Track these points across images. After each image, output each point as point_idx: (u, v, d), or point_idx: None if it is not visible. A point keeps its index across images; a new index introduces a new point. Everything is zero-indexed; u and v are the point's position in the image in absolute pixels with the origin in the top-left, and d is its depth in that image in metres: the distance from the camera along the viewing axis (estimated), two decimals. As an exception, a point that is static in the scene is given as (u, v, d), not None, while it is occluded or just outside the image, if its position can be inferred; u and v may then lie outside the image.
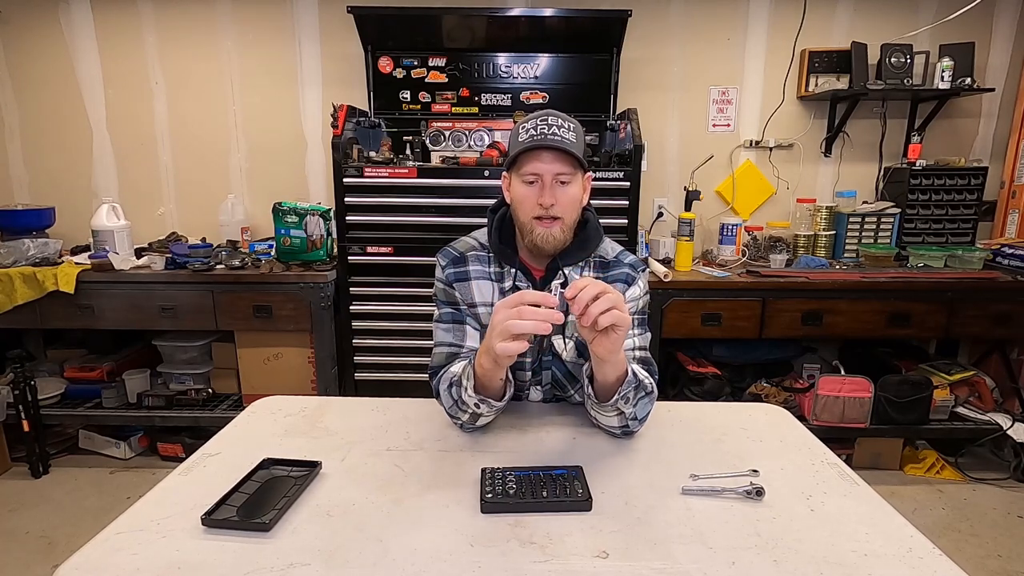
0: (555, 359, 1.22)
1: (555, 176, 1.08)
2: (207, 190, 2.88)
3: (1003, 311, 2.38)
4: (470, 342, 1.18)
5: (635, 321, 1.20)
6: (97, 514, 2.25)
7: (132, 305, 2.40)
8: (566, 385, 1.25)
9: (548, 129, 1.07)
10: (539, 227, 1.11)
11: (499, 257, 1.19)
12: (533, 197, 1.09)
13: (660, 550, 0.79)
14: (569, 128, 1.09)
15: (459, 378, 1.07)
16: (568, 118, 1.11)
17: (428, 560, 0.77)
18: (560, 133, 1.07)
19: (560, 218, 1.10)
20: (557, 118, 1.09)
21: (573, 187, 1.10)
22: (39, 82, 2.80)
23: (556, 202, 1.09)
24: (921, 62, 2.70)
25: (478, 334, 1.19)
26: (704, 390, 2.48)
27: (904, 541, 0.82)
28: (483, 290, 1.20)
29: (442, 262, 1.22)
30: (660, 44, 2.78)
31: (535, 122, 1.09)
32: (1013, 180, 2.80)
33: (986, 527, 2.20)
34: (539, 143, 1.06)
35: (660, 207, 2.88)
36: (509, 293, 1.18)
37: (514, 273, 1.18)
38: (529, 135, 1.08)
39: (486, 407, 1.05)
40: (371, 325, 2.45)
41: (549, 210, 1.09)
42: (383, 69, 2.69)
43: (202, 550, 0.79)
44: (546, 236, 1.11)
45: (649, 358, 1.18)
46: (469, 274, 1.20)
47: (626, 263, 1.21)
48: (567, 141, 1.07)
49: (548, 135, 1.07)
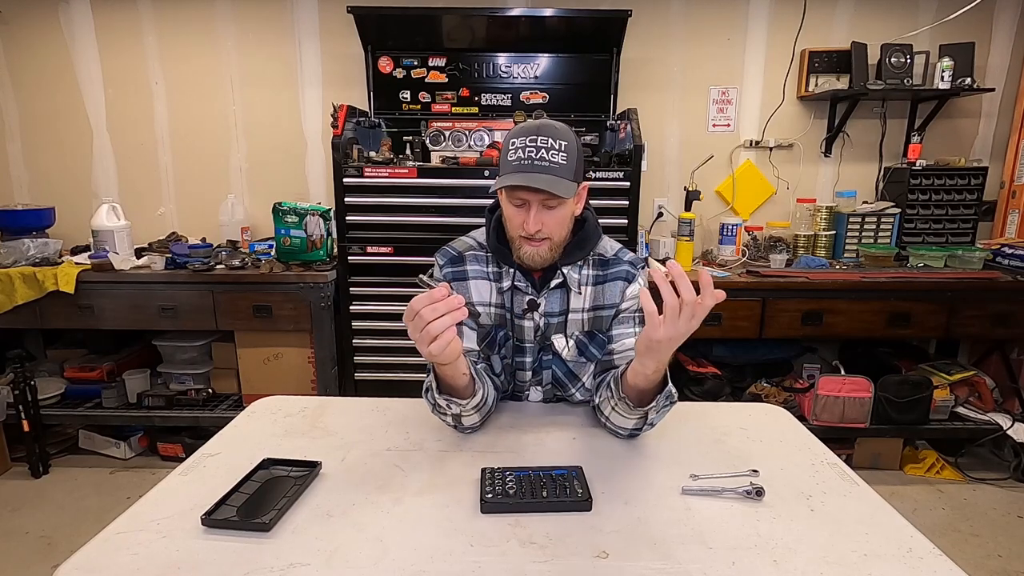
0: (555, 358, 1.22)
1: (542, 202, 1.06)
2: (207, 190, 2.88)
3: (1003, 311, 2.38)
4: (466, 343, 1.17)
5: (635, 318, 1.20)
6: (97, 514, 2.25)
7: (132, 305, 2.40)
8: (567, 384, 1.25)
9: (536, 154, 1.03)
10: (527, 246, 1.11)
11: (497, 257, 1.19)
12: (520, 220, 1.08)
13: (660, 550, 0.79)
14: (560, 148, 1.04)
15: (429, 382, 1.06)
16: (561, 133, 1.06)
17: (428, 560, 0.77)
18: (549, 157, 1.03)
19: (548, 238, 1.10)
20: (547, 138, 1.04)
21: (562, 209, 1.08)
22: (39, 82, 2.80)
23: (543, 227, 1.08)
24: (921, 62, 2.70)
25: (475, 334, 1.19)
26: (704, 390, 2.48)
27: (904, 541, 0.82)
28: (481, 290, 1.20)
29: (440, 261, 1.22)
30: (660, 44, 2.78)
31: (525, 141, 1.04)
32: (1013, 180, 2.80)
33: (986, 527, 2.20)
34: (526, 169, 1.03)
35: (660, 207, 2.88)
36: (508, 293, 1.18)
37: (512, 273, 1.17)
38: (518, 157, 1.04)
39: (456, 407, 1.04)
40: (371, 325, 2.45)
41: (535, 235, 1.08)
42: (383, 69, 2.69)
43: (202, 550, 0.79)
44: (533, 255, 1.11)
45: None
46: (467, 274, 1.20)
47: (626, 260, 1.21)
48: (555, 166, 1.03)
49: (536, 160, 1.03)
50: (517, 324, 1.19)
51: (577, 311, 1.19)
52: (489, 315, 1.20)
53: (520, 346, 1.20)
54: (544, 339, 1.20)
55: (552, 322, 1.19)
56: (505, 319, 1.20)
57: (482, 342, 1.20)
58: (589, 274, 1.20)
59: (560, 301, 1.19)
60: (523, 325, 1.19)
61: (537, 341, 1.20)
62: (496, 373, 1.23)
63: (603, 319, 1.19)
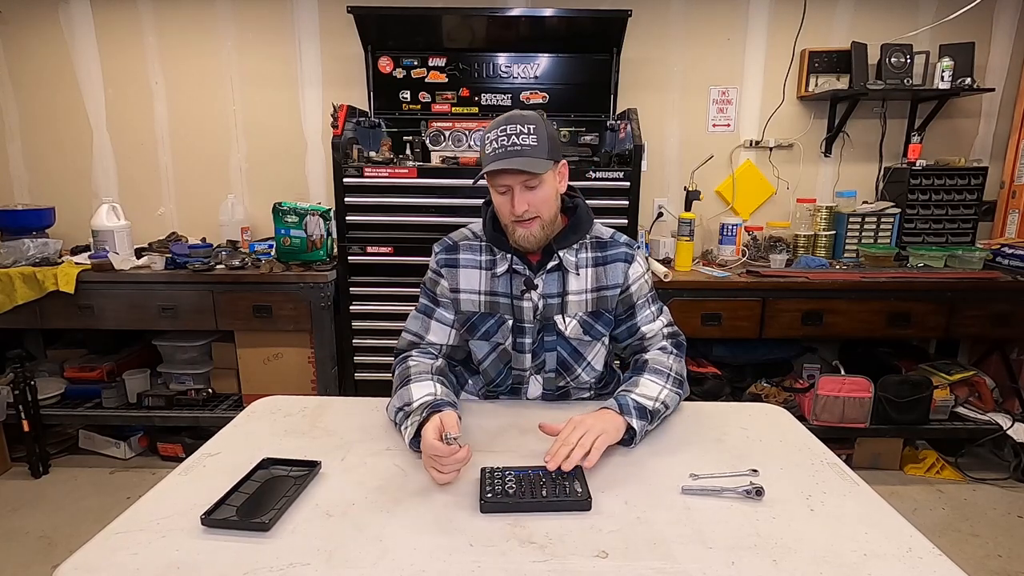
0: (559, 338, 1.26)
1: (523, 183, 1.12)
2: (207, 190, 2.88)
3: (1003, 311, 2.38)
4: (431, 336, 1.28)
5: (649, 299, 1.28)
6: (97, 514, 2.25)
7: (132, 305, 2.39)
8: (572, 365, 1.28)
9: (508, 140, 1.10)
10: (519, 228, 1.17)
11: (494, 245, 1.24)
12: (507, 205, 1.15)
13: (660, 550, 0.79)
14: (529, 131, 1.10)
15: (406, 410, 1.11)
16: (528, 119, 1.12)
17: (428, 560, 0.77)
18: (520, 141, 1.10)
19: (537, 217, 1.15)
20: (516, 124, 1.11)
21: (544, 187, 1.14)
22: (39, 82, 2.80)
23: (528, 206, 1.13)
24: (921, 62, 2.70)
25: (446, 330, 1.29)
26: (704, 390, 2.48)
27: (904, 541, 0.82)
28: (470, 278, 1.26)
29: (437, 249, 1.30)
30: (660, 44, 2.78)
31: (496, 133, 1.11)
32: (1013, 180, 2.80)
33: (986, 527, 2.20)
34: (501, 156, 1.10)
35: (660, 207, 2.88)
36: (504, 277, 1.23)
37: (510, 258, 1.22)
38: (493, 148, 1.11)
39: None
40: (371, 325, 2.45)
41: (523, 215, 1.14)
42: (383, 69, 2.69)
43: (202, 550, 0.79)
44: (526, 236, 1.17)
45: (676, 331, 1.28)
46: (459, 261, 1.26)
47: (622, 243, 1.27)
48: (527, 148, 1.10)
49: (509, 147, 1.10)
50: (516, 305, 1.23)
51: (579, 292, 1.24)
52: (476, 302, 1.25)
53: (520, 327, 1.24)
54: (544, 319, 1.24)
55: (551, 303, 1.23)
56: (498, 305, 1.24)
57: (462, 327, 1.28)
58: (588, 256, 1.25)
59: (558, 283, 1.24)
60: (522, 306, 1.23)
61: (537, 320, 1.24)
62: (478, 360, 1.30)
63: (607, 299, 1.25)
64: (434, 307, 1.29)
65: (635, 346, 1.29)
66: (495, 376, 1.31)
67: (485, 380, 1.34)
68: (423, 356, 1.26)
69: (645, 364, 1.21)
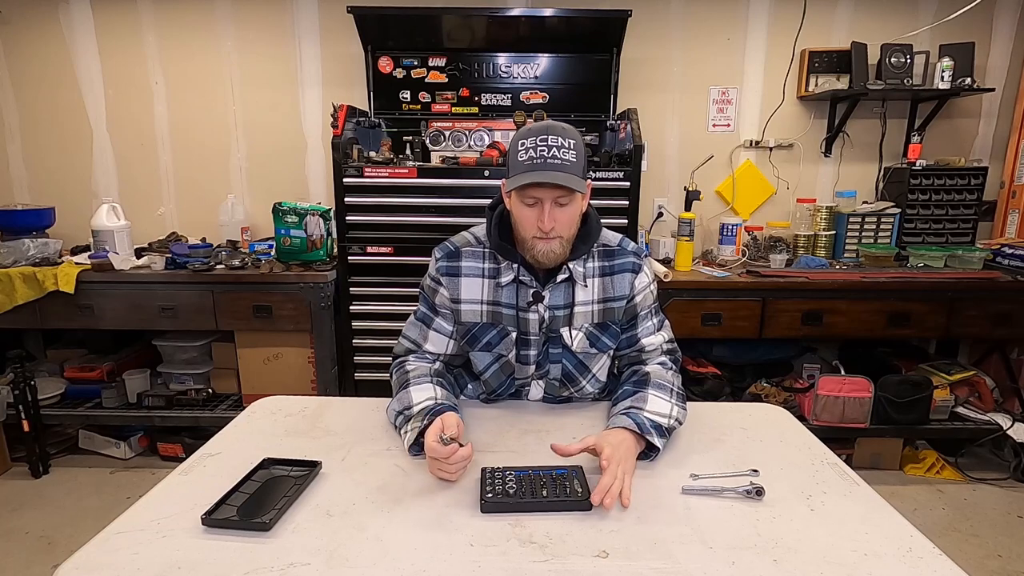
0: (564, 351, 1.23)
1: (555, 199, 1.07)
2: (207, 190, 2.88)
3: (1003, 311, 2.38)
4: (428, 345, 1.25)
5: (652, 311, 1.25)
6: (97, 514, 2.25)
7: (132, 305, 2.39)
8: (577, 377, 1.25)
9: (548, 152, 1.04)
10: (540, 244, 1.11)
11: (500, 253, 1.19)
12: (533, 219, 1.09)
13: (660, 550, 0.79)
14: (570, 147, 1.06)
15: (406, 414, 1.10)
16: (568, 132, 1.08)
17: (428, 560, 0.77)
18: (561, 155, 1.04)
19: (560, 236, 1.11)
20: (557, 136, 1.06)
21: (573, 205, 1.09)
22: (39, 82, 2.80)
23: (556, 224, 1.08)
24: (921, 62, 2.70)
25: (444, 340, 1.25)
26: (704, 390, 2.48)
27: (904, 541, 0.82)
28: (471, 287, 1.21)
29: (437, 255, 1.24)
30: (660, 44, 2.78)
31: (535, 141, 1.06)
32: (1013, 180, 2.80)
33: (986, 527, 2.20)
34: (539, 168, 1.04)
35: (660, 207, 2.88)
36: (509, 287, 1.19)
37: (516, 267, 1.18)
38: (529, 157, 1.05)
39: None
40: (371, 325, 2.45)
41: (550, 232, 1.09)
42: (383, 69, 2.69)
43: (202, 550, 0.79)
44: (546, 252, 1.11)
45: (675, 348, 1.26)
46: (460, 270, 1.21)
47: (630, 251, 1.23)
48: (567, 164, 1.05)
49: (548, 159, 1.04)
50: (522, 317, 1.19)
51: (585, 303, 1.20)
52: (478, 312, 1.21)
53: (525, 339, 1.21)
54: (550, 331, 1.20)
55: (558, 315, 1.19)
56: (500, 316, 1.20)
57: (463, 338, 1.24)
58: (595, 266, 1.21)
59: (565, 295, 1.20)
60: (528, 318, 1.19)
61: (542, 333, 1.20)
62: (480, 370, 1.26)
63: (614, 310, 1.21)
64: (432, 316, 1.25)
65: (632, 357, 1.25)
66: (496, 387, 1.28)
67: (486, 389, 1.30)
68: (420, 360, 1.24)
69: (647, 377, 1.17)
